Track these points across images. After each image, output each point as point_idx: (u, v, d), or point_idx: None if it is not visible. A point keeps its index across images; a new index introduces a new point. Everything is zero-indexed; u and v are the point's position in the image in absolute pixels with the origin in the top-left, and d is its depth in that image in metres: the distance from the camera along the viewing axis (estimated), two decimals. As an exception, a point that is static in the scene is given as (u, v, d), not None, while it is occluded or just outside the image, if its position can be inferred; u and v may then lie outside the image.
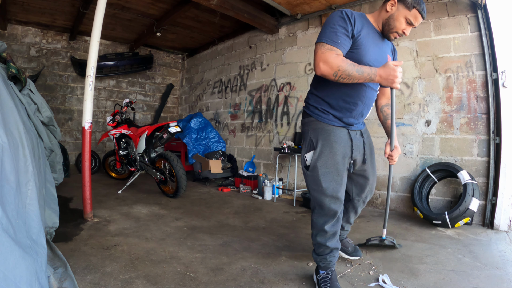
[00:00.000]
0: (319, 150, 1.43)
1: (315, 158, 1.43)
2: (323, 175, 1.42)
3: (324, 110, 1.46)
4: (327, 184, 1.43)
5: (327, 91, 1.46)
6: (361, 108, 1.47)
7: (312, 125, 1.48)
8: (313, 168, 1.44)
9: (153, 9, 4.38)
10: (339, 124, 1.46)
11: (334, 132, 1.45)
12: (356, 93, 1.43)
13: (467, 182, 2.55)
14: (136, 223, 2.51)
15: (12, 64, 2.01)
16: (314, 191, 1.47)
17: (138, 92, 6.20)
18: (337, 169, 1.44)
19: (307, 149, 1.49)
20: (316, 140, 1.45)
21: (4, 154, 1.10)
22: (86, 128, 2.53)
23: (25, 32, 4.96)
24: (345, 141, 1.47)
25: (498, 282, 1.60)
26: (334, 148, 1.43)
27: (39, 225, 1.35)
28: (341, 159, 1.44)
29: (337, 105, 1.45)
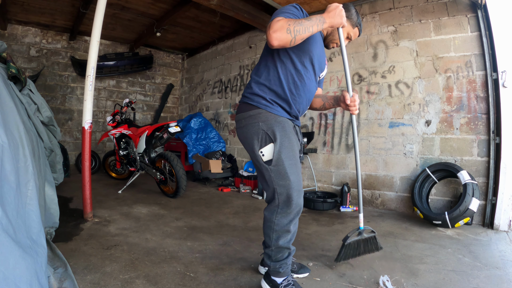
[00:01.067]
0: (280, 141, 1.34)
1: (278, 150, 1.34)
2: (289, 167, 1.34)
3: (272, 101, 1.39)
4: (294, 177, 1.35)
5: (274, 80, 1.40)
6: (304, 100, 1.46)
7: (262, 117, 1.38)
8: (278, 161, 1.34)
9: (153, 9, 4.38)
10: (287, 116, 1.43)
11: (287, 123, 1.40)
12: (301, 84, 1.41)
13: (467, 182, 2.55)
14: (136, 223, 2.51)
15: (12, 64, 2.01)
16: (280, 187, 1.36)
17: (138, 92, 6.20)
18: (297, 160, 1.40)
19: (262, 143, 1.37)
20: (272, 132, 1.35)
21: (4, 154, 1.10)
22: (86, 128, 2.53)
23: (25, 32, 4.96)
24: (295, 133, 1.44)
25: (498, 282, 1.60)
26: (292, 140, 1.39)
27: (39, 225, 1.35)
28: (297, 150, 1.42)
29: (284, 94, 1.39)
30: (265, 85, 1.41)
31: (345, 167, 3.64)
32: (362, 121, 3.52)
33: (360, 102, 3.54)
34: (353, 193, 3.52)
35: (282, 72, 1.38)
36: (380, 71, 3.40)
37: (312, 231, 2.50)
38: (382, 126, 3.36)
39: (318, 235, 2.41)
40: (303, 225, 2.68)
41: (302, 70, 1.39)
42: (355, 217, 3.00)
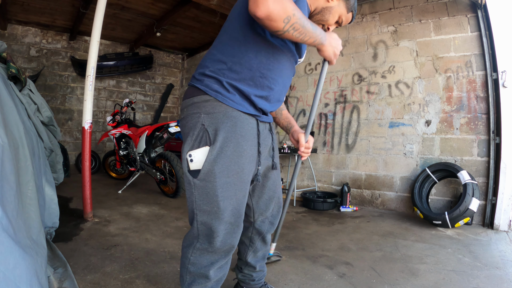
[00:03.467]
0: (219, 146, 0.93)
1: (212, 159, 0.92)
2: (222, 187, 0.93)
3: (230, 86, 0.96)
4: (226, 203, 0.95)
5: (240, 56, 0.96)
6: (279, 89, 1.06)
7: (207, 106, 0.96)
8: (207, 174, 0.93)
9: (153, 9, 4.38)
10: (248, 109, 0.99)
11: (242, 122, 0.97)
12: (278, 66, 1.01)
13: (467, 182, 2.55)
14: (136, 223, 2.51)
15: (12, 64, 2.01)
16: (202, 214, 0.95)
17: (138, 92, 6.20)
18: (242, 180, 0.97)
19: (196, 142, 0.95)
20: (214, 131, 0.94)
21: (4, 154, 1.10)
22: (86, 128, 2.53)
23: (25, 32, 4.96)
24: (253, 137, 1.02)
25: (498, 282, 1.60)
26: (241, 146, 0.96)
27: (39, 225, 1.35)
28: (248, 164, 0.99)
29: (251, 78, 0.97)
30: (224, 63, 0.97)
31: (345, 167, 3.64)
32: (362, 121, 3.52)
33: (360, 102, 3.55)
34: (353, 193, 3.53)
35: (254, 46, 0.96)
36: (380, 71, 3.40)
37: (312, 231, 2.50)
38: (382, 126, 3.36)
39: (318, 235, 2.41)
40: (303, 225, 2.67)
41: (281, 44, 1.00)
42: (355, 217, 3.00)
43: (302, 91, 4.10)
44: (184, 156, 0.97)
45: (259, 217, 1.22)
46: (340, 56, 3.71)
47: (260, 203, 1.20)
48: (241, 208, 1.00)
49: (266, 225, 1.25)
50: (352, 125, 3.59)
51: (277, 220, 1.27)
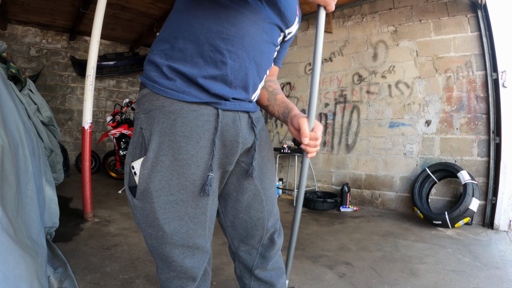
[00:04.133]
0: (153, 156, 0.70)
1: (146, 174, 0.71)
2: (163, 208, 0.72)
3: (170, 69, 0.71)
4: (174, 225, 0.73)
5: (184, 28, 0.72)
6: (243, 65, 0.73)
7: (145, 103, 0.74)
8: (143, 194, 0.72)
9: (153, 9, 4.38)
10: (197, 97, 0.71)
11: (185, 117, 0.70)
12: (237, 34, 0.71)
13: (467, 182, 2.55)
14: (136, 223, 2.51)
15: (12, 64, 2.01)
16: (149, 237, 0.77)
17: (138, 92, 6.20)
18: (193, 194, 0.73)
19: (137, 151, 0.75)
20: (149, 135, 0.72)
21: (4, 154, 1.10)
22: (86, 128, 2.53)
23: (25, 32, 4.96)
24: (207, 133, 0.72)
25: (498, 282, 1.60)
26: (185, 151, 0.70)
27: (39, 225, 1.35)
28: (202, 172, 0.73)
29: (200, 55, 0.70)
30: (167, 41, 0.74)
31: (345, 167, 3.64)
32: (362, 121, 3.52)
33: (360, 102, 3.55)
34: (353, 193, 3.52)
35: (198, 12, 0.71)
36: (380, 71, 3.40)
37: (312, 231, 2.50)
38: (382, 126, 3.36)
39: (318, 235, 2.41)
40: (303, 225, 2.68)
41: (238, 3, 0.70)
42: (355, 217, 3.00)
43: (302, 91, 4.10)
44: (126, 169, 0.77)
45: (241, 245, 0.89)
46: (340, 56, 3.71)
47: (236, 226, 0.87)
48: (198, 227, 0.76)
49: (254, 258, 0.89)
50: (352, 125, 3.60)
51: (273, 253, 0.89)
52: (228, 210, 0.87)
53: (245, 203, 0.85)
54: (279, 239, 0.91)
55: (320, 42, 0.78)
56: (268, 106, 0.94)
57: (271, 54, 0.82)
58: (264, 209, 0.86)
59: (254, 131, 0.82)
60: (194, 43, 0.71)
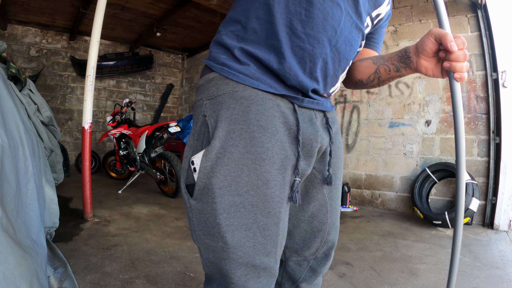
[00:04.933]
0: (219, 146, 0.59)
1: (208, 168, 0.59)
2: (226, 211, 0.59)
3: (243, 52, 0.63)
4: (238, 235, 0.59)
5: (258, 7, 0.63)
6: (326, 52, 0.63)
7: (210, 88, 0.64)
8: (202, 192, 0.60)
9: (153, 9, 4.38)
10: (272, 87, 0.62)
11: (260, 105, 0.60)
12: (318, 16, 0.60)
13: (467, 182, 2.55)
14: (136, 223, 2.51)
15: (12, 64, 2.01)
16: (205, 250, 0.63)
17: (138, 92, 6.20)
18: (266, 197, 0.60)
19: (198, 142, 0.64)
20: (215, 122, 0.61)
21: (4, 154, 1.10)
22: (86, 128, 2.53)
23: (25, 32, 4.96)
24: (285, 128, 0.62)
25: (498, 282, 1.60)
26: (259, 143, 0.59)
27: (39, 225, 1.35)
28: (277, 170, 0.61)
29: (274, 35, 0.61)
30: (238, 21, 0.65)
31: (345, 167, 3.64)
32: (362, 121, 3.52)
33: (360, 102, 3.55)
34: (353, 193, 3.52)
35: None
36: (380, 71, 3.39)
37: (312, 231, 2.50)
38: (382, 126, 3.36)
39: (318, 235, 2.40)
40: (303, 225, 2.67)
41: None
42: (355, 217, 3.00)
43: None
44: (184, 164, 0.65)
45: (293, 255, 0.78)
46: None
47: (294, 235, 0.76)
48: (269, 242, 0.61)
49: (303, 270, 0.78)
50: (352, 125, 3.60)
51: (324, 268, 0.80)
52: (289, 217, 0.76)
53: (309, 213, 0.75)
54: (329, 249, 0.79)
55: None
56: (379, 69, 0.73)
57: (356, 41, 0.69)
58: (328, 221, 0.76)
59: (329, 133, 0.71)
60: (269, 23, 0.61)
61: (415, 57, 0.66)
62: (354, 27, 0.66)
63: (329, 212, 0.76)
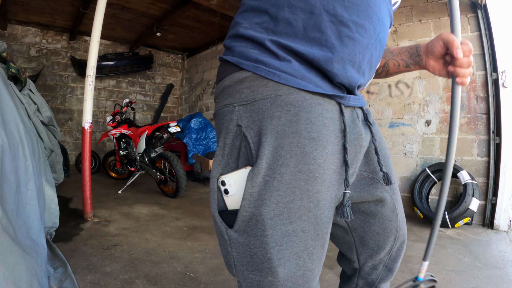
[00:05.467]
0: (266, 167, 0.51)
1: (256, 195, 0.51)
2: (279, 243, 0.52)
3: (278, 46, 0.53)
4: (289, 267, 0.53)
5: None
6: (371, 42, 0.57)
7: (243, 91, 0.54)
8: (249, 224, 0.52)
9: (153, 9, 4.38)
10: (320, 87, 0.54)
11: (309, 112, 0.52)
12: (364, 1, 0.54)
13: (467, 182, 2.55)
14: (136, 223, 2.51)
15: (12, 64, 2.01)
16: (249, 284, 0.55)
17: (138, 92, 6.20)
18: (317, 220, 0.54)
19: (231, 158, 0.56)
20: (256, 135, 0.52)
21: (4, 154, 1.10)
22: (86, 128, 2.53)
23: (25, 32, 4.96)
24: (335, 137, 0.55)
25: (498, 282, 1.60)
26: (312, 159, 0.52)
27: (39, 225, 1.35)
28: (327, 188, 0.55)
29: (315, 26, 0.53)
30: (264, 11, 0.56)
31: (345, 167, 3.64)
32: (362, 121, 3.52)
33: (360, 102, 3.54)
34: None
35: None
36: (380, 71, 3.40)
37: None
38: (382, 126, 3.36)
39: (318, 235, 2.40)
40: (303, 225, 2.67)
41: None
42: None
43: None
44: (212, 185, 0.56)
45: (368, 261, 0.75)
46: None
47: (368, 241, 0.72)
48: (315, 266, 0.56)
49: (379, 272, 0.75)
50: (352, 125, 3.59)
51: (399, 263, 0.76)
52: (357, 224, 0.72)
53: (378, 215, 0.70)
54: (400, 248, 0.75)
55: None
56: (388, 63, 0.73)
57: (388, 32, 0.64)
58: (397, 216, 0.72)
59: (370, 129, 0.65)
60: (307, 12, 0.52)
61: (424, 57, 0.67)
62: (388, 14, 0.62)
63: (397, 207, 0.72)
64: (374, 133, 0.66)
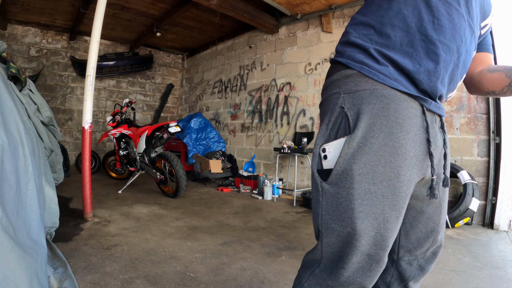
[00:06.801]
0: (361, 136, 0.64)
1: (349, 154, 0.65)
2: (362, 197, 0.63)
3: (380, 54, 0.68)
4: (366, 223, 0.63)
5: (392, 14, 0.69)
6: (454, 60, 0.69)
7: (349, 83, 0.69)
8: (341, 177, 0.65)
9: (153, 9, 4.38)
10: (407, 88, 0.66)
11: (398, 104, 0.65)
12: (449, 25, 0.67)
13: (467, 182, 2.55)
14: (136, 223, 2.51)
15: (12, 64, 2.01)
16: (329, 234, 0.68)
17: (138, 92, 6.20)
18: (395, 191, 0.64)
19: (332, 131, 0.70)
20: (355, 114, 0.66)
21: (4, 154, 1.10)
22: (86, 128, 2.53)
23: (25, 32, 4.96)
24: (417, 128, 0.67)
25: (498, 282, 1.60)
26: (397, 138, 0.64)
27: (39, 225, 1.35)
28: (407, 167, 0.66)
29: (410, 44, 0.67)
30: (371, 26, 0.71)
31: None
32: (362, 121, 3.52)
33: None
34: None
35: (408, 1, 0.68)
36: (380, 71, 3.40)
37: (312, 231, 2.50)
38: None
39: (318, 235, 2.40)
40: (303, 225, 2.68)
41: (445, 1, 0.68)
42: None
43: (302, 91, 4.10)
44: (315, 150, 0.71)
45: (406, 255, 0.82)
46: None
47: (411, 235, 0.80)
48: (388, 235, 0.65)
49: (413, 269, 0.82)
50: (352, 125, 3.59)
51: (432, 265, 0.84)
52: (407, 219, 0.80)
53: (427, 215, 0.79)
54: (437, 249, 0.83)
55: None
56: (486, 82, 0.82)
57: (473, 51, 0.77)
58: (440, 221, 0.80)
59: (444, 136, 0.76)
60: (404, 31, 0.68)
61: None
62: (472, 38, 0.74)
63: (442, 213, 0.80)
64: (446, 141, 0.76)
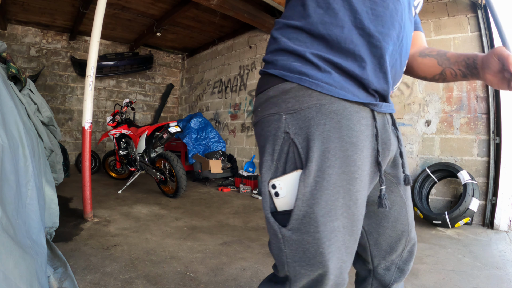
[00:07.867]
0: (316, 168, 0.56)
1: (308, 194, 0.56)
2: (329, 238, 0.57)
3: (319, 58, 0.59)
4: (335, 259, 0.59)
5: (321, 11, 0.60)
6: (396, 49, 0.64)
7: (289, 100, 0.59)
8: (303, 221, 0.57)
9: (153, 9, 4.38)
10: (357, 96, 0.59)
11: (349, 119, 0.58)
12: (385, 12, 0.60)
13: (467, 182, 2.55)
14: (136, 223, 2.51)
15: (12, 64, 2.01)
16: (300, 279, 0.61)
17: (138, 92, 6.20)
18: (354, 217, 0.60)
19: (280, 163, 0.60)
20: (304, 141, 0.57)
21: (4, 154, 1.10)
22: (86, 128, 2.53)
23: (25, 32, 4.96)
24: (369, 141, 0.61)
25: (498, 282, 1.60)
26: (352, 162, 0.58)
27: (39, 225, 1.35)
28: (363, 188, 0.61)
29: (347, 39, 0.59)
30: (299, 28, 0.62)
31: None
32: (362, 121, 3.52)
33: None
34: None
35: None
36: (380, 71, 3.40)
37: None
38: (382, 126, 3.36)
39: (318, 235, 2.40)
40: (303, 225, 2.67)
41: None
42: None
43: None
44: (263, 188, 0.61)
45: (381, 262, 0.78)
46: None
47: (381, 243, 0.76)
48: (350, 260, 0.62)
49: (392, 274, 0.79)
50: (352, 125, 3.59)
51: (410, 265, 0.79)
52: (372, 228, 0.76)
53: (392, 218, 0.74)
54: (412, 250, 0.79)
55: None
56: (445, 71, 0.74)
57: (411, 33, 0.70)
58: (408, 220, 0.75)
59: (397, 135, 0.71)
60: (339, 27, 0.59)
61: (481, 70, 0.66)
62: (410, 20, 0.68)
63: (408, 212, 0.75)
64: (400, 140, 0.72)
